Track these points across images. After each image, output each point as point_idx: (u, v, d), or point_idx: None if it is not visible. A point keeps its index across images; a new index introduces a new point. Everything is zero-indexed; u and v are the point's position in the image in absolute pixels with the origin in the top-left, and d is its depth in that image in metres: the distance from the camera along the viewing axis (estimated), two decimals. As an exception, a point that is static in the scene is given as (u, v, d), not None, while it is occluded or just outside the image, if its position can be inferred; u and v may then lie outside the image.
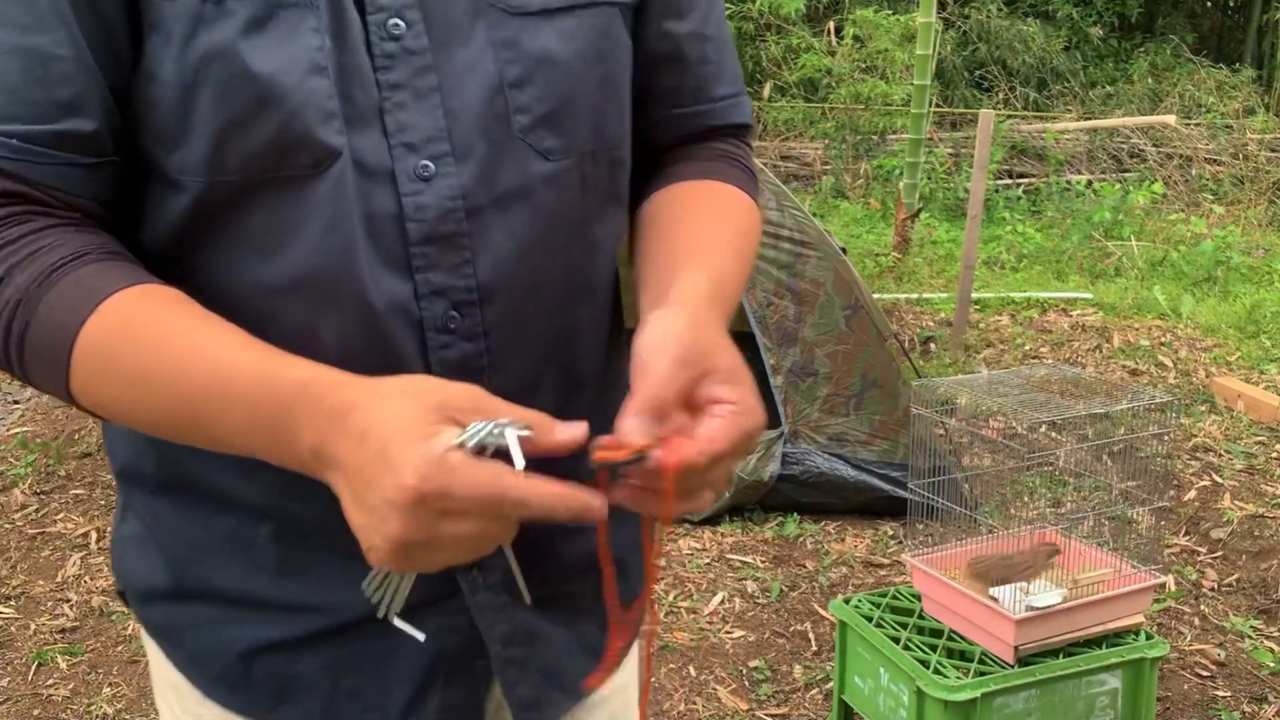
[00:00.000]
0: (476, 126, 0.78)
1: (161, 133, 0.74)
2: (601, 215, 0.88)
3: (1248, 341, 5.39)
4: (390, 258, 0.77)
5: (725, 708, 2.51)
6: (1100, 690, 2.08)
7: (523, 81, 0.80)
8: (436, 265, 0.78)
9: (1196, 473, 3.85)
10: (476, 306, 0.80)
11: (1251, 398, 4.41)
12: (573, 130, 0.83)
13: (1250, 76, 10.70)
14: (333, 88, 0.74)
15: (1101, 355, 5.26)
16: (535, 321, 0.84)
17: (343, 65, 0.75)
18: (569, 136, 0.83)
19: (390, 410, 0.64)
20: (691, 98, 0.95)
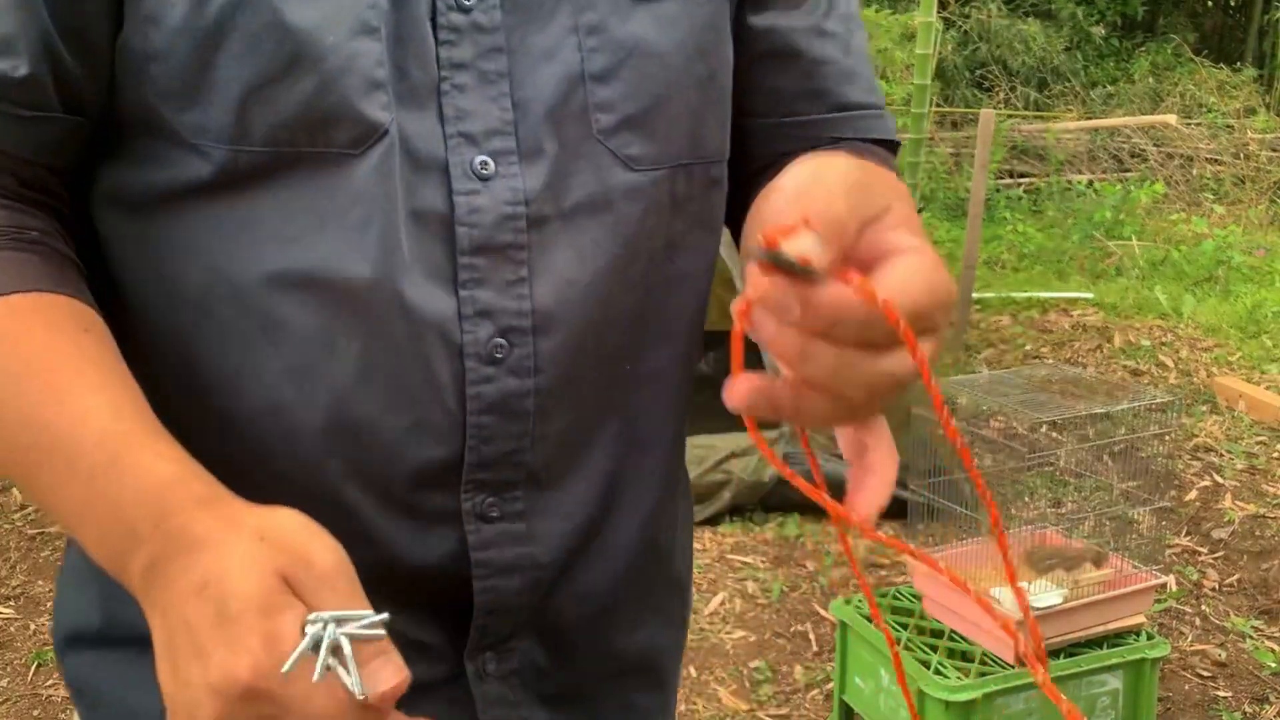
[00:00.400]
0: (548, 122, 0.67)
1: (170, 88, 0.63)
2: (690, 244, 0.74)
3: (1249, 341, 5.39)
4: (432, 266, 0.65)
5: (726, 708, 2.51)
6: (1101, 690, 2.08)
7: (608, 74, 0.67)
8: (487, 281, 0.66)
9: (1198, 473, 3.85)
10: (529, 335, 0.67)
11: (1253, 398, 4.41)
12: (665, 136, 0.70)
13: (1251, 76, 10.70)
14: (384, 54, 0.63)
15: (1102, 355, 5.26)
16: (598, 362, 0.71)
17: (400, 31, 0.63)
18: (660, 144, 0.70)
19: (241, 562, 0.50)
20: (809, 103, 0.78)
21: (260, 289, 0.64)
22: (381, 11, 0.62)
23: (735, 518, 3.47)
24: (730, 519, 3.46)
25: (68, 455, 0.56)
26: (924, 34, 6.77)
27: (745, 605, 2.98)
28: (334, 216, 0.64)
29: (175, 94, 0.62)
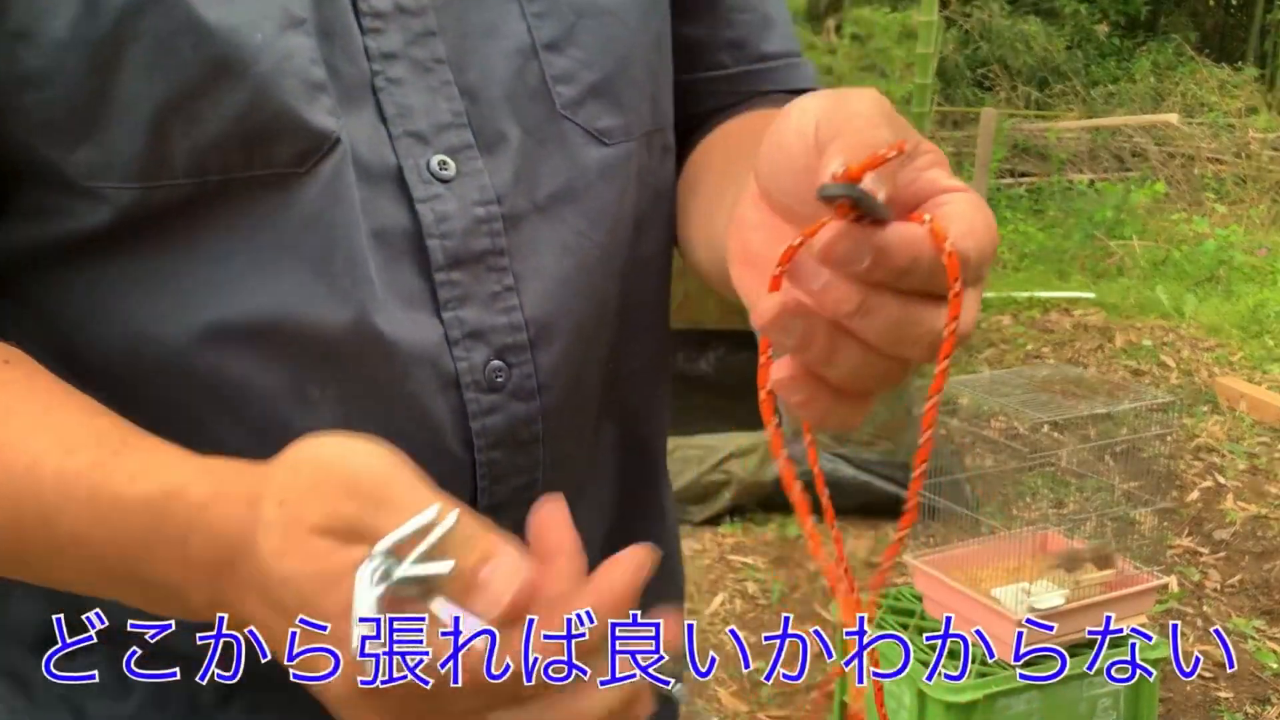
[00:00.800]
0: (505, 105, 0.59)
1: (53, 121, 0.51)
2: (654, 220, 0.68)
3: (1250, 341, 5.38)
4: (406, 291, 0.56)
5: (726, 708, 2.51)
6: (1102, 692, 2.08)
7: (562, 41, 0.60)
8: (470, 297, 0.57)
9: (1199, 473, 3.85)
10: (528, 351, 0.59)
11: (1254, 398, 4.40)
12: (632, 103, 0.63)
13: (1253, 75, 10.70)
14: (317, 50, 0.54)
15: (1104, 355, 5.25)
16: (596, 368, 0.64)
17: (325, 22, 0.54)
18: (628, 112, 0.63)
19: (272, 549, 0.43)
20: (729, 55, 0.71)
21: (199, 349, 0.54)
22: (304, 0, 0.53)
23: (736, 518, 3.46)
24: (731, 519, 3.46)
25: (41, 518, 0.48)
26: (925, 32, 6.76)
27: (745, 606, 2.98)
28: (283, 251, 0.54)
29: (61, 127, 0.51)
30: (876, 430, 3.39)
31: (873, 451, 3.39)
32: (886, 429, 3.39)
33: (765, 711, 2.50)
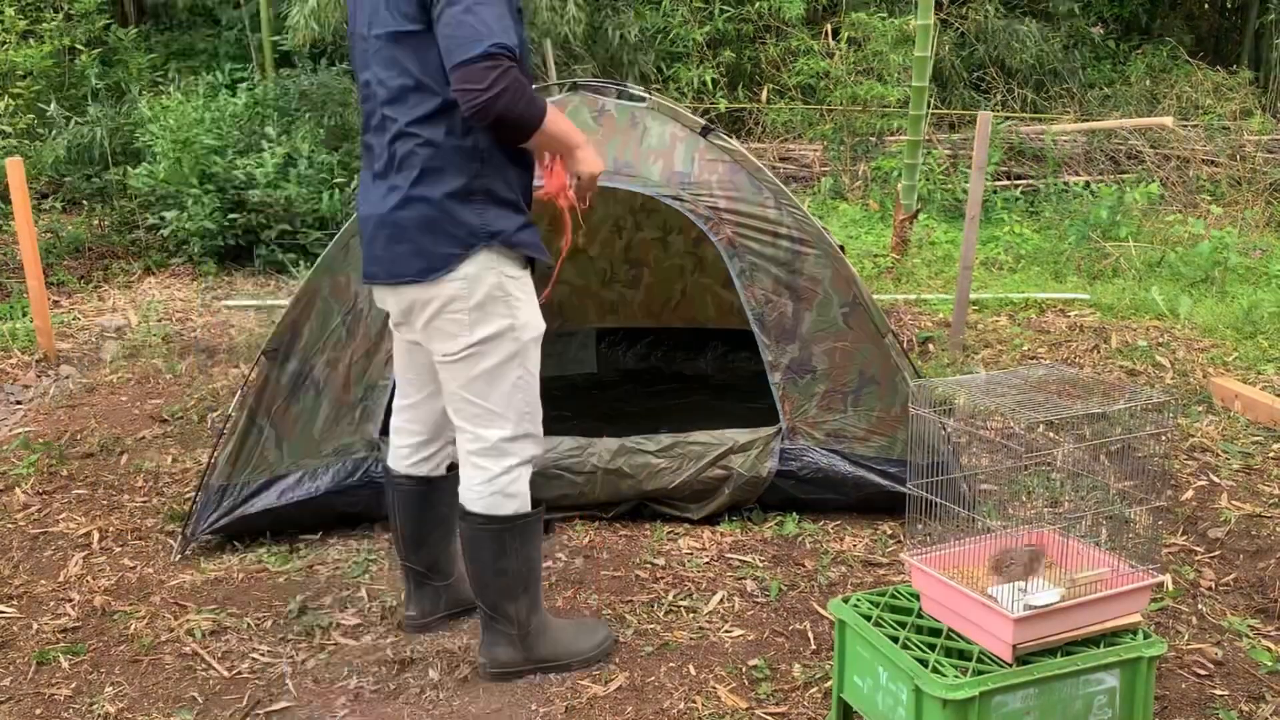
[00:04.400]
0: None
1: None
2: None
3: (1245, 342, 5.40)
4: None
5: (724, 706, 2.52)
6: (1098, 689, 2.09)
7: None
8: None
9: (1194, 472, 3.87)
10: None
11: (1249, 398, 4.43)
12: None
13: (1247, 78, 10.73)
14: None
15: (1099, 355, 5.28)
16: None
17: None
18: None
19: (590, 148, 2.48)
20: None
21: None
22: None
23: (734, 516, 3.48)
24: (729, 518, 3.47)
25: (568, 126, 2.43)
26: (922, 36, 6.78)
27: (744, 604, 2.99)
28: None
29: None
30: (872, 426, 3.41)
31: (868, 447, 3.41)
32: (882, 425, 3.41)
33: (764, 709, 2.51)
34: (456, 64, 2.18)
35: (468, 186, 2.35)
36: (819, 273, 3.40)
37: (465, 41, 2.17)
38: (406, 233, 2.37)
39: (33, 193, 7.30)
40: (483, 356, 2.42)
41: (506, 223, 2.39)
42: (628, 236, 5.05)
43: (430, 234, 2.35)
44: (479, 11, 2.18)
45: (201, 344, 5.66)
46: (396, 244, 2.39)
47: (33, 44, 8.05)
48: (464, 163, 2.34)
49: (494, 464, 2.49)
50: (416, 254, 2.37)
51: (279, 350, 3.36)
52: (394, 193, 2.38)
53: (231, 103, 7.68)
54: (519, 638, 2.61)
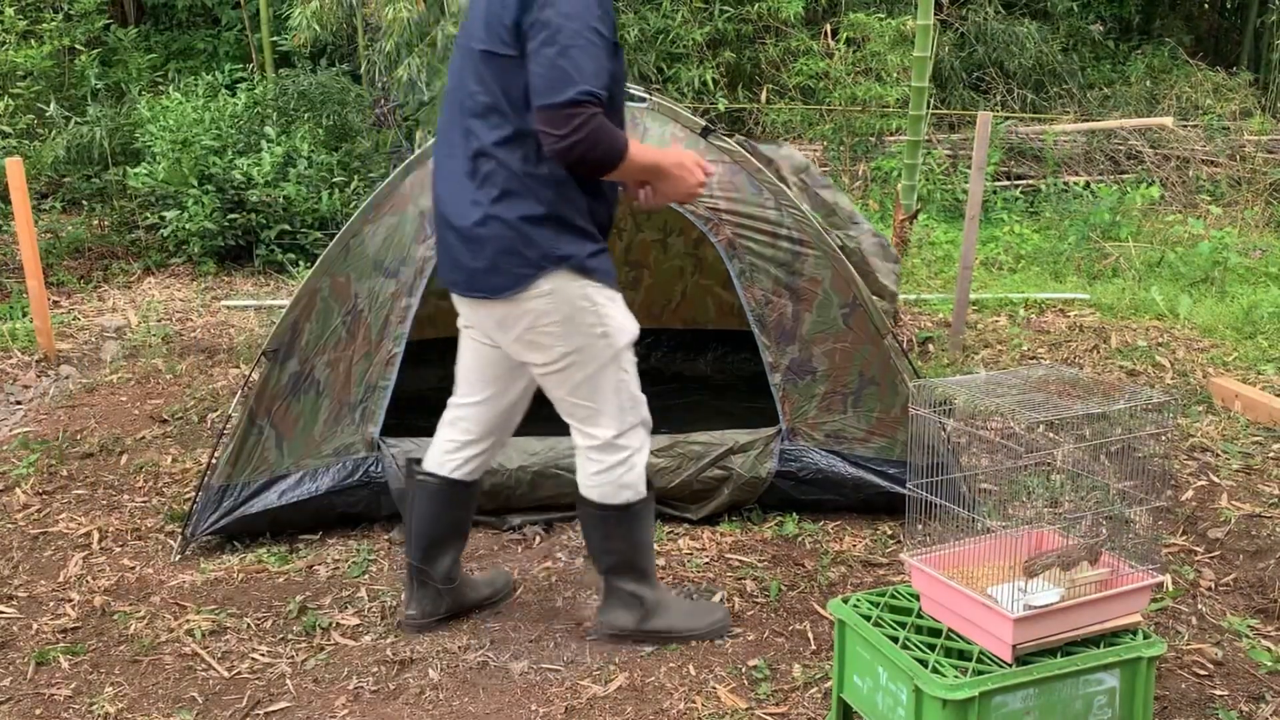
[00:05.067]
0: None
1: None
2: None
3: (1245, 342, 5.40)
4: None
5: (724, 706, 2.52)
6: (1098, 689, 2.09)
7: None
8: None
9: (1194, 472, 3.87)
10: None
11: (1249, 398, 4.43)
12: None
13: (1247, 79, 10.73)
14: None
15: (1099, 355, 5.28)
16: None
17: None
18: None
19: (682, 151, 2.53)
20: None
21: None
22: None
23: (734, 517, 3.48)
24: (729, 518, 3.47)
25: (655, 157, 2.46)
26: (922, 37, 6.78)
27: (744, 604, 2.99)
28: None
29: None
30: (872, 427, 3.41)
31: (868, 448, 3.41)
32: (882, 426, 3.41)
33: (764, 709, 2.51)
34: (541, 105, 2.23)
35: (542, 213, 2.40)
36: (819, 273, 3.40)
37: (553, 84, 2.21)
38: (485, 250, 2.43)
39: (33, 193, 7.30)
40: (579, 365, 2.50)
41: (577, 248, 2.44)
42: (627, 238, 5.05)
43: (506, 254, 2.41)
44: (572, 54, 2.21)
45: (201, 344, 5.66)
46: (476, 259, 2.45)
47: (32, 44, 8.05)
48: (538, 189, 2.38)
49: (607, 458, 2.59)
50: (493, 271, 2.43)
51: (279, 350, 3.36)
52: (476, 207, 2.42)
53: (231, 103, 7.68)
54: (638, 609, 2.74)
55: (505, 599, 3.02)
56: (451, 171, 2.49)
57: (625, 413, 2.57)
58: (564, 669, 2.69)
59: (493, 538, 3.40)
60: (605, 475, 2.60)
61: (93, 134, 7.82)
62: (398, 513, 3.44)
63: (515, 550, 3.33)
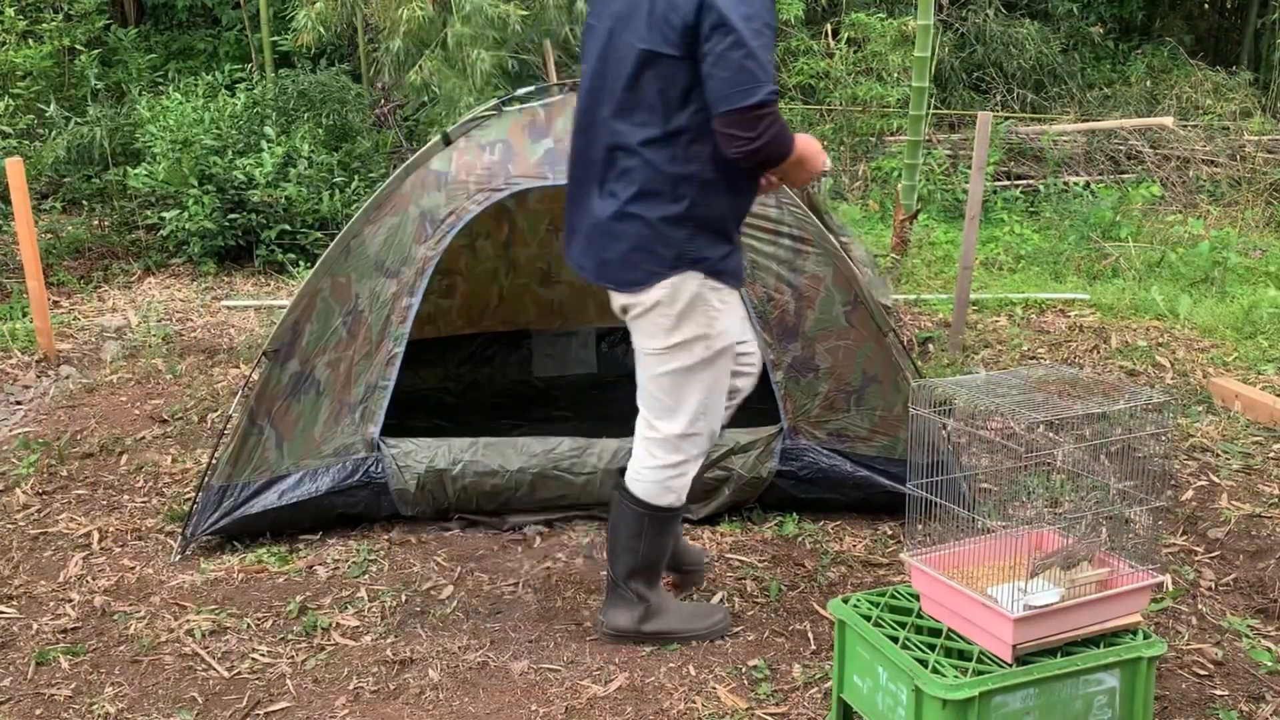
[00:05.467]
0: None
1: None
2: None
3: (1245, 342, 5.40)
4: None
5: (724, 706, 2.52)
6: (1098, 689, 2.09)
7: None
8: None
9: (1194, 473, 3.87)
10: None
11: (1249, 398, 4.43)
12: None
13: (1247, 79, 10.72)
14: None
15: (1099, 355, 5.28)
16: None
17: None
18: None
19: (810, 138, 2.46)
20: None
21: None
22: None
23: (734, 517, 3.48)
24: (729, 518, 3.47)
25: (800, 145, 2.41)
26: (923, 37, 6.78)
27: (744, 604, 2.99)
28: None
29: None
30: (874, 426, 3.41)
31: (870, 447, 3.41)
32: (884, 425, 3.41)
33: (764, 709, 2.51)
34: (731, 109, 2.24)
35: (681, 213, 2.41)
36: (820, 271, 3.40)
37: (742, 88, 2.21)
38: (619, 244, 2.45)
39: (33, 193, 7.29)
40: (674, 358, 2.52)
41: (713, 250, 2.46)
42: (628, 237, 5.05)
43: (640, 251, 2.43)
44: (758, 54, 2.22)
45: (201, 344, 5.66)
46: (608, 252, 2.48)
47: (32, 44, 8.05)
48: (681, 189, 2.39)
49: (665, 456, 2.60)
50: (625, 266, 2.46)
51: (280, 351, 3.36)
52: (611, 200, 2.45)
53: (231, 103, 7.68)
54: (639, 610, 2.75)
55: (699, 579, 3.04)
56: (589, 163, 2.52)
57: (697, 419, 2.57)
58: (564, 669, 2.69)
59: (493, 538, 3.40)
60: (657, 472, 2.61)
61: (93, 134, 7.82)
62: (398, 512, 3.44)
63: (515, 550, 3.33)
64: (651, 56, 2.32)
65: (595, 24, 2.50)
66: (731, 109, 2.23)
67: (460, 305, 4.90)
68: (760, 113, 2.23)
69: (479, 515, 3.46)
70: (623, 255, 2.45)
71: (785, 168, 2.44)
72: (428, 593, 3.07)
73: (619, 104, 2.40)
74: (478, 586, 3.11)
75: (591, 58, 2.50)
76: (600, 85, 2.46)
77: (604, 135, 2.45)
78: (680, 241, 2.41)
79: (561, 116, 3.47)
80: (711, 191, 2.41)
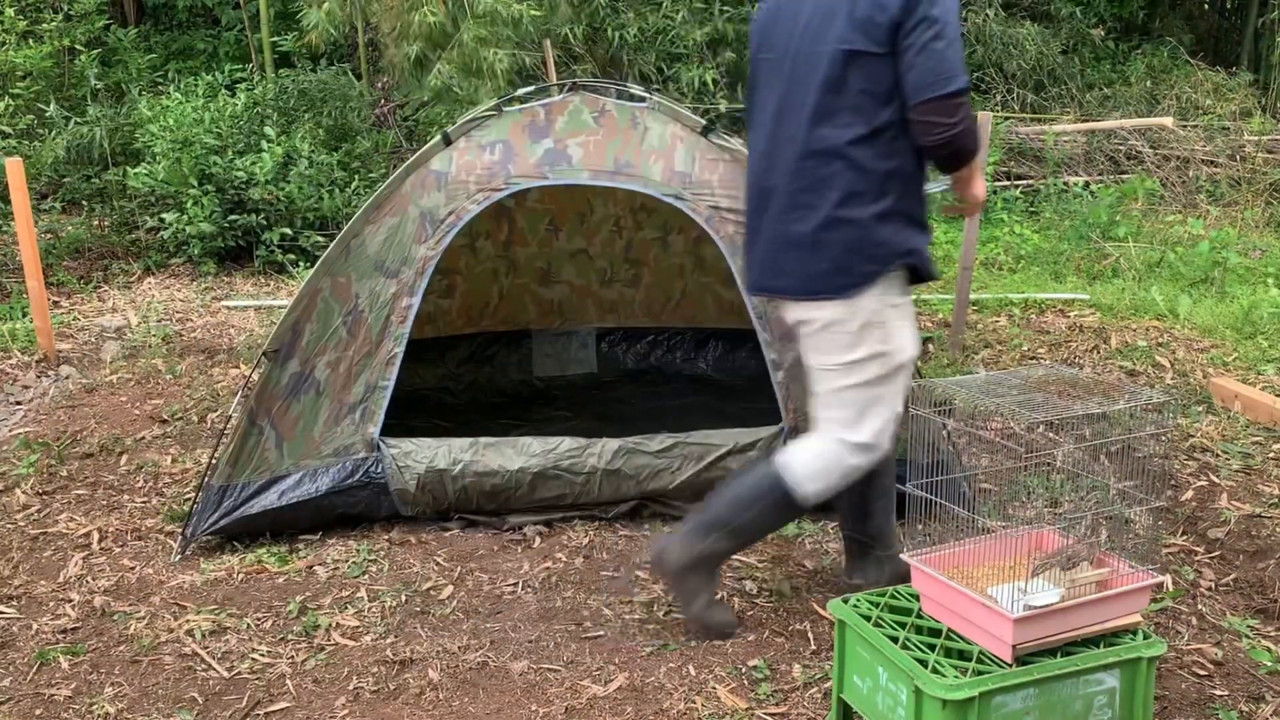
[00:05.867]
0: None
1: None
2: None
3: (1245, 342, 5.40)
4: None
5: (724, 706, 2.52)
6: (1098, 689, 2.09)
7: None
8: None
9: (1194, 473, 3.87)
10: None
11: (1248, 398, 4.43)
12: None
13: (1247, 79, 10.72)
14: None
15: (1099, 356, 5.28)
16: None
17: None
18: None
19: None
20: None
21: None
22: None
23: (734, 518, 3.48)
24: (729, 519, 3.47)
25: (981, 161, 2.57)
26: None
27: (744, 604, 2.99)
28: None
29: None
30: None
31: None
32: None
33: (764, 709, 2.51)
34: (933, 97, 2.34)
35: (890, 207, 2.46)
36: (819, 273, 3.39)
37: (944, 75, 2.33)
38: (829, 252, 2.48)
39: (32, 193, 7.30)
40: (852, 373, 2.55)
41: (919, 241, 2.53)
42: (628, 236, 5.05)
43: (854, 253, 2.47)
44: (956, 46, 2.35)
45: (201, 344, 5.66)
46: (816, 264, 2.50)
47: (32, 44, 8.05)
48: (887, 185, 2.46)
49: (833, 457, 2.60)
50: (837, 271, 2.49)
51: (280, 351, 3.36)
52: (808, 212, 2.48)
53: (231, 103, 7.68)
54: (706, 557, 2.72)
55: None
56: (775, 182, 2.56)
57: (876, 434, 2.59)
58: (564, 669, 2.69)
59: (493, 538, 3.40)
60: (812, 465, 2.60)
61: (93, 134, 7.82)
62: (398, 512, 3.44)
63: (515, 550, 3.33)
64: (855, 56, 2.40)
65: (770, 56, 2.59)
66: (933, 95, 2.34)
67: (460, 305, 4.90)
68: (959, 100, 2.35)
69: (479, 515, 3.46)
70: (835, 263, 2.49)
71: (966, 175, 2.56)
72: (428, 593, 3.07)
73: (816, 110, 2.46)
74: (478, 586, 3.11)
75: (775, 86, 2.56)
76: (785, 108, 2.53)
77: (791, 150, 2.51)
78: (891, 236, 2.47)
79: (562, 116, 3.47)
80: (914, 184, 2.51)
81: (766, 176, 2.59)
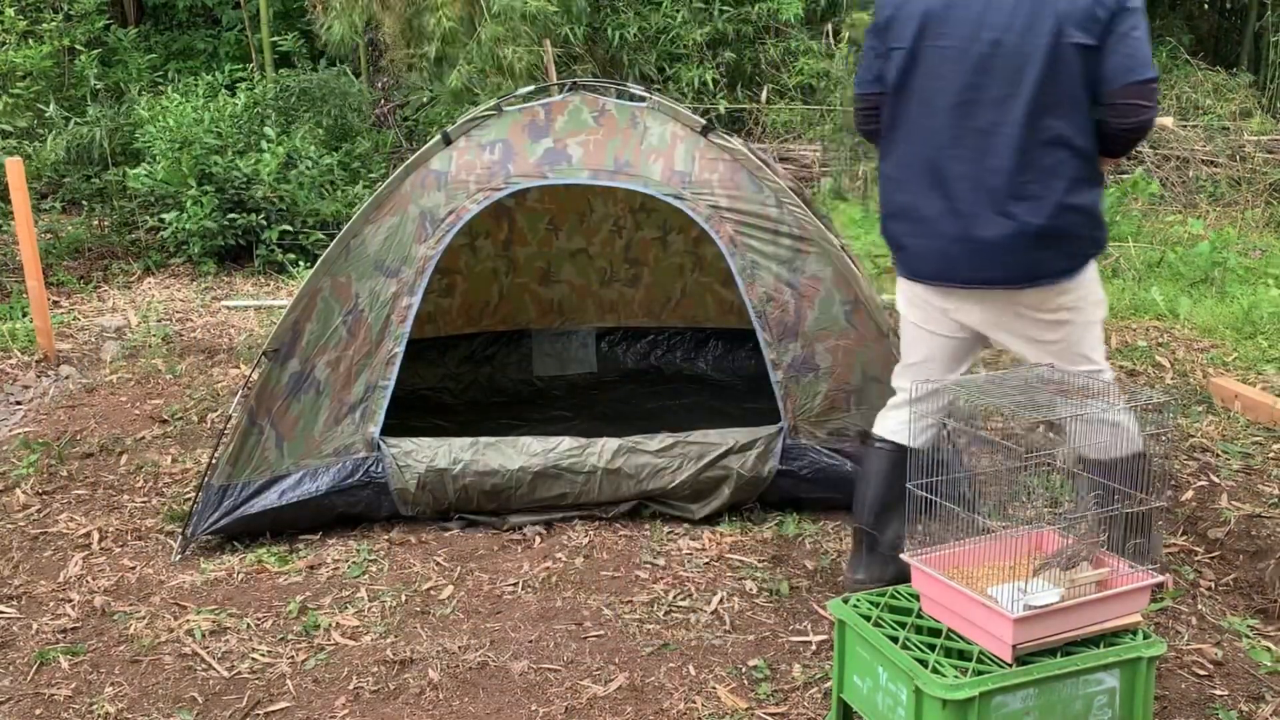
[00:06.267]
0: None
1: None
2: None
3: (1245, 342, 5.40)
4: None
5: (724, 706, 2.52)
6: (1098, 689, 2.09)
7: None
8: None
9: (1194, 473, 3.87)
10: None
11: (1249, 398, 4.43)
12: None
13: (1247, 79, 10.72)
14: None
15: (1099, 356, 5.27)
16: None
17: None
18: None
19: None
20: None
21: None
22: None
23: (734, 517, 3.48)
24: (729, 518, 3.47)
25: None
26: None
27: (744, 604, 2.99)
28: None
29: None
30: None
31: (870, 451, 3.41)
32: (884, 429, 3.41)
33: (764, 709, 2.51)
34: (1136, 81, 2.49)
35: (1099, 190, 2.61)
36: (820, 271, 3.40)
37: (1144, 61, 2.49)
38: (1060, 241, 2.56)
39: (32, 193, 7.29)
40: (1079, 337, 2.66)
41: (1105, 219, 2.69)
42: (627, 236, 5.05)
43: (1077, 240, 2.58)
44: (1148, 34, 2.53)
45: (201, 344, 5.66)
46: (1045, 252, 2.56)
47: (32, 44, 8.05)
48: (1095, 168, 2.59)
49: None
50: (1065, 256, 2.58)
51: (280, 351, 3.36)
52: (1035, 202, 2.54)
53: (231, 103, 7.68)
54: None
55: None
56: (969, 171, 2.58)
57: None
58: (564, 669, 2.69)
59: (493, 538, 3.40)
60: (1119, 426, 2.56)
61: (93, 134, 7.82)
62: (398, 512, 3.44)
63: (515, 550, 3.33)
64: (1079, 49, 2.49)
65: (946, 45, 2.61)
66: (1138, 80, 2.47)
67: (460, 304, 4.90)
68: (1155, 85, 2.51)
69: (479, 515, 3.46)
70: (1061, 249, 2.56)
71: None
72: (428, 593, 3.07)
73: (1036, 101, 2.51)
74: (478, 586, 3.11)
75: (951, 75, 2.59)
76: (974, 98, 2.57)
77: (998, 141, 2.53)
78: (1100, 216, 2.61)
79: (562, 116, 3.47)
80: (1100, 170, 2.64)
81: (951, 166, 2.60)
